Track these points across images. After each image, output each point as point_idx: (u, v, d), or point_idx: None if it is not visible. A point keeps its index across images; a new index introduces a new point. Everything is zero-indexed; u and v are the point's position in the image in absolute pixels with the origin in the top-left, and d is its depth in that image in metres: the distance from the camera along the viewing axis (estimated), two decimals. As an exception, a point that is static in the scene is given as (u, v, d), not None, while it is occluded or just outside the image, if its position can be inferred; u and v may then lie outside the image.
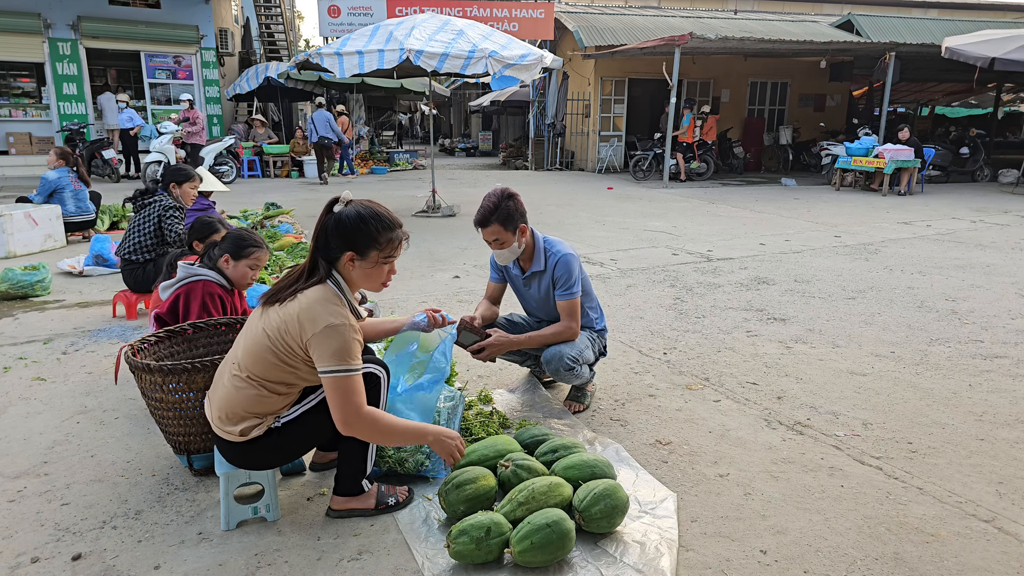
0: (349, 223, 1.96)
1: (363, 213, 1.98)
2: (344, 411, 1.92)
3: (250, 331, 2.04)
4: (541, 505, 2.03)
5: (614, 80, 16.63)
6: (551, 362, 2.89)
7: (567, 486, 2.14)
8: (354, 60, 7.70)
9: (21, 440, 2.76)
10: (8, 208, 6.57)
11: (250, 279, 2.98)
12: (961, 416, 3.03)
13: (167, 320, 2.88)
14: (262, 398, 2.01)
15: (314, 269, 1.99)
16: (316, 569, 1.96)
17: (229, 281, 2.95)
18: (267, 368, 1.98)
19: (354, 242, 1.97)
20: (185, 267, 2.94)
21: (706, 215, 9.59)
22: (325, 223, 1.99)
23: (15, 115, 14.74)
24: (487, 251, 4.39)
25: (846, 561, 2.00)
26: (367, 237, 1.97)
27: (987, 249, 7.00)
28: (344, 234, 1.96)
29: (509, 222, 2.81)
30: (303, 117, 21.86)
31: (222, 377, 2.09)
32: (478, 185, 13.88)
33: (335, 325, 1.89)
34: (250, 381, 2.00)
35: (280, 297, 1.99)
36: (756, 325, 4.39)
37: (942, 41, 13.16)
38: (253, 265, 2.95)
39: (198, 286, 2.87)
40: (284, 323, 1.94)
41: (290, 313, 1.94)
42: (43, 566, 1.97)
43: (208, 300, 2.86)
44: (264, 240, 3.03)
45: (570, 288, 2.91)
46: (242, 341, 2.06)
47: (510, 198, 2.82)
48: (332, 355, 1.89)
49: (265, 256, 3.00)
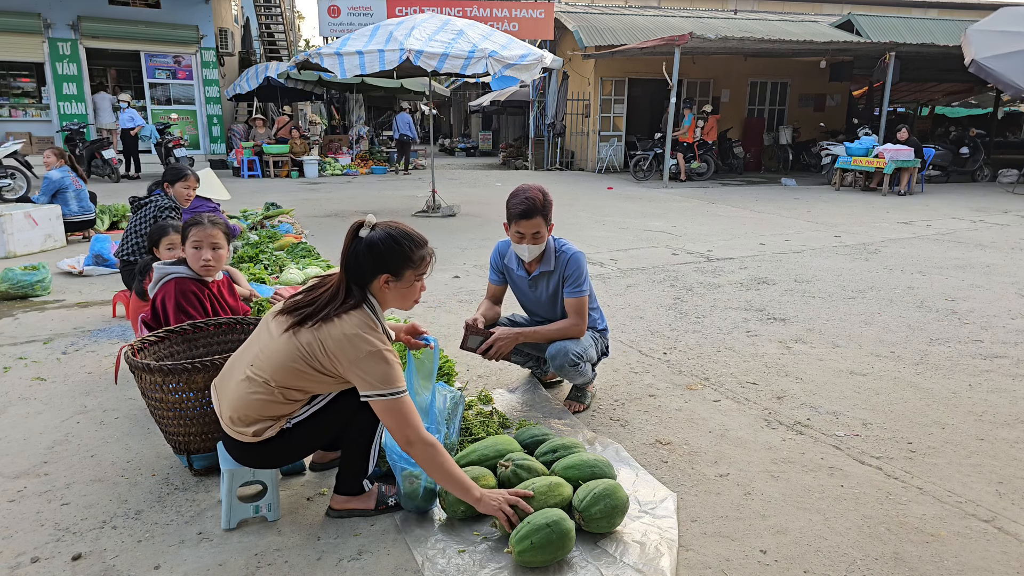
0: (382, 245, 1.96)
1: (394, 234, 1.98)
2: (405, 432, 1.94)
3: (275, 342, 1.99)
4: (541, 505, 2.03)
5: (614, 80, 16.63)
6: (556, 357, 2.89)
7: (567, 486, 2.14)
8: (354, 60, 7.70)
9: (21, 440, 2.76)
10: (8, 208, 6.57)
11: (202, 260, 2.85)
12: (961, 416, 3.03)
13: (152, 325, 2.87)
14: (279, 403, 2.01)
15: (349, 293, 1.98)
16: (316, 569, 1.96)
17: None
18: (292, 377, 1.97)
19: (388, 264, 1.97)
20: (159, 267, 2.90)
21: (706, 215, 9.59)
22: (355, 248, 1.97)
23: (15, 115, 14.74)
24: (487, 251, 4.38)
25: (846, 561, 2.00)
26: (401, 257, 1.98)
27: (987, 249, 7.00)
28: (378, 257, 1.96)
29: (548, 218, 2.83)
30: (302, 117, 21.90)
31: (233, 379, 2.06)
32: (478, 185, 13.88)
33: (379, 351, 1.91)
34: (268, 387, 1.98)
35: (312, 317, 1.96)
36: (756, 325, 4.39)
37: (942, 41, 13.10)
38: (196, 245, 2.84)
39: (171, 286, 2.84)
40: (321, 344, 1.93)
41: (328, 336, 1.92)
42: (43, 566, 1.97)
43: (182, 299, 2.81)
44: (208, 219, 2.89)
45: (580, 286, 2.91)
46: (263, 348, 2.01)
47: (548, 195, 2.84)
48: (380, 380, 1.91)
49: (206, 232, 2.83)
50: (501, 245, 3.13)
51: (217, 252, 2.90)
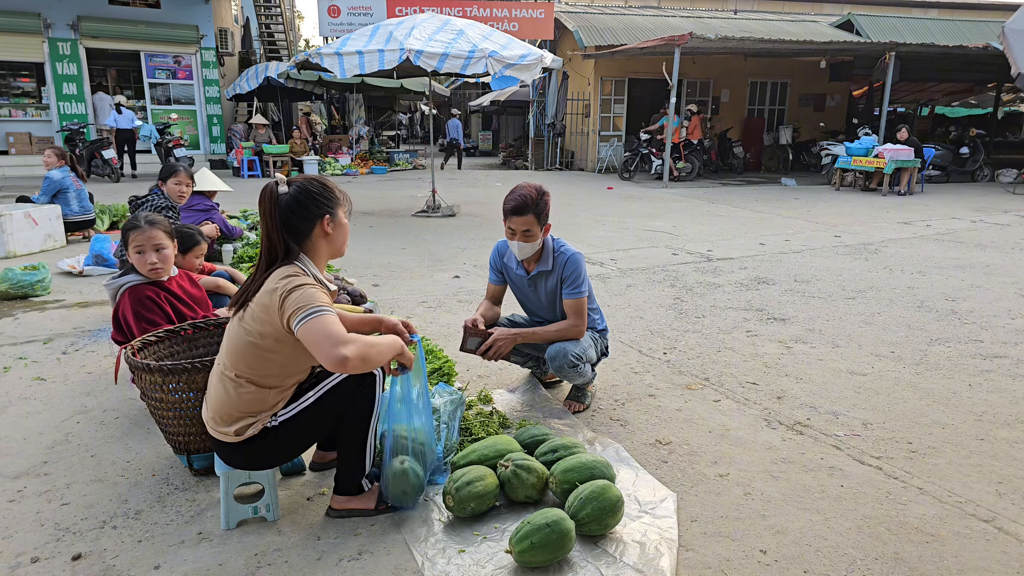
0: (313, 190, 2.03)
1: (315, 180, 2.06)
2: (328, 348, 1.82)
3: (230, 332, 2.06)
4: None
5: (614, 80, 16.63)
6: (556, 358, 2.89)
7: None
8: (354, 60, 7.70)
9: (21, 440, 2.76)
10: (8, 208, 6.57)
11: (148, 265, 2.83)
12: (961, 416, 3.03)
13: (120, 340, 2.86)
14: (252, 395, 2.01)
15: (273, 258, 2.01)
16: (316, 569, 1.96)
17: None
18: (251, 360, 1.99)
19: (322, 206, 2.03)
20: (108, 284, 2.89)
21: (706, 215, 9.59)
22: (286, 202, 1.99)
23: (15, 115, 14.74)
24: (487, 251, 4.39)
25: (846, 561, 2.00)
26: (332, 196, 2.07)
27: (987, 249, 7.00)
28: (312, 202, 2.02)
29: (542, 217, 2.83)
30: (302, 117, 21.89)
31: (212, 381, 2.11)
32: (478, 185, 13.88)
33: (296, 284, 1.91)
34: (238, 379, 2.01)
35: (247, 294, 2.02)
36: (756, 325, 4.39)
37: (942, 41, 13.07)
38: (137, 250, 2.82)
39: (125, 297, 2.82)
40: (255, 308, 1.97)
41: (260, 296, 1.96)
42: (43, 566, 1.97)
43: (140, 308, 2.79)
44: (146, 220, 2.87)
45: (578, 287, 2.92)
46: (225, 343, 2.08)
47: (545, 194, 2.85)
48: (298, 307, 1.87)
49: (144, 236, 2.82)
50: (500, 245, 3.14)
51: (162, 253, 2.87)
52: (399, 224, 8.64)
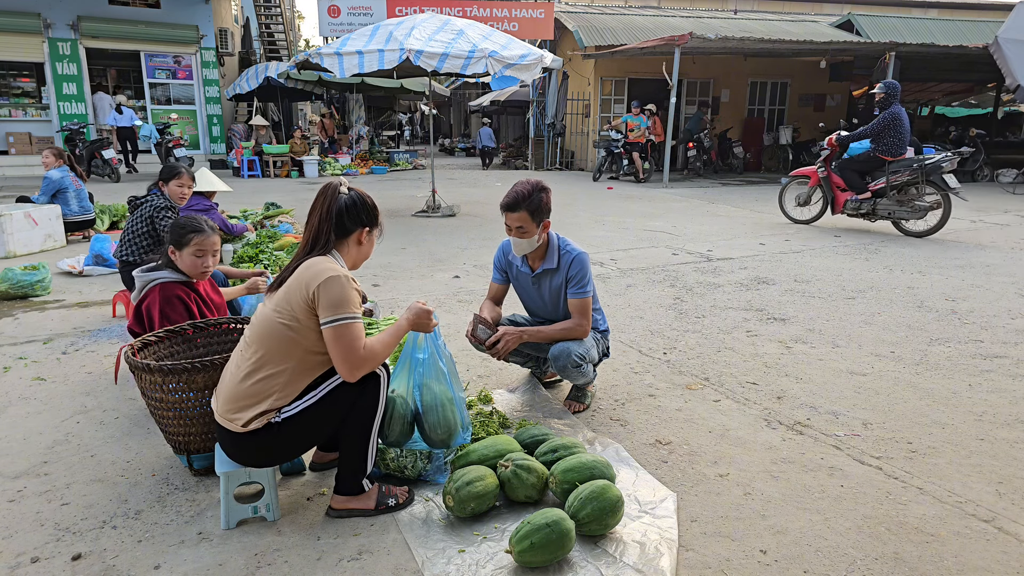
0: (368, 202, 2.23)
1: (366, 195, 2.25)
2: (349, 359, 2.02)
3: (260, 315, 2.14)
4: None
5: (614, 80, 16.63)
6: (559, 358, 2.89)
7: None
8: (354, 60, 7.70)
9: (21, 440, 2.76)
10: (8, 208, 6.57)
11: (202, 268, 2.87)
12: (961, 416, 3.03)
13: (137, 331, 2.86)
14: (266, 379, 2.03)
15: (315, 244, 2.14)
16: (316, 569, 1.96)
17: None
18: (276, 339, 2.04)
19: (367, 218, 2.22)
20: (139, 275, 2.89)
21: (706, 215, 9.60)
22: (344, 201, 2.16)
23: (15, 115, 14.74)
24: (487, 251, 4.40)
25: (846, 561, 2.00)
26: (377, 216, 2.27)
27: (987, 249, 6.99)
28: (362, 211, 2.20)
29: (537, 214, 2.83)
30: (302, 117, 21.93)
31: (229, 367, 2.16)
32: (478, 185, 13.88)
33: (335, 275, 2.02)
34: (256, 358, 2.05)
35: (283, 277, 2.12)
36: (756, 325, 4.39)
37: (942, 41, 13.06)
38: (197, 253, 2.85)
39: (154, 292, 2.83)
40: (288, 290, 2.05)
41: (295, 280, 2.06)
42: (43, 566, 1.97)
43: (167, 307, 2.79)
44: (208, 225, 2.90)
45: (584, 287, 2.92)
46: (252, 327, 2.14)
47: (543, 191, 2.85)
48: (333, 305, 1.99)
49: (209, 241, 2.87)
50: (505, 244, 3.15)
51: (215, 258, 2.96)
52: (399, 224, 8.64)
